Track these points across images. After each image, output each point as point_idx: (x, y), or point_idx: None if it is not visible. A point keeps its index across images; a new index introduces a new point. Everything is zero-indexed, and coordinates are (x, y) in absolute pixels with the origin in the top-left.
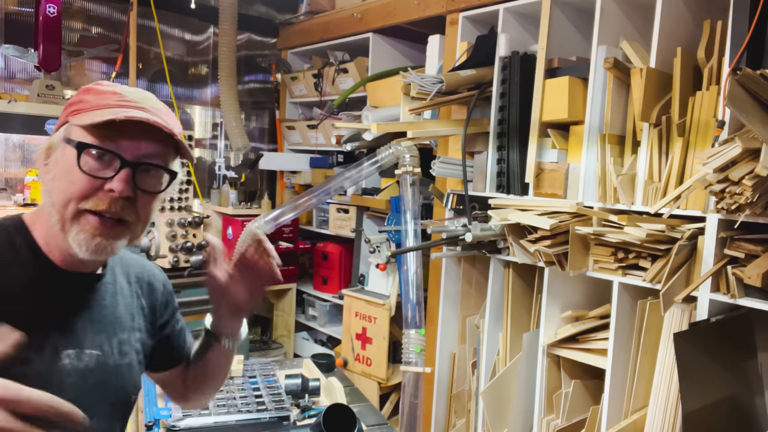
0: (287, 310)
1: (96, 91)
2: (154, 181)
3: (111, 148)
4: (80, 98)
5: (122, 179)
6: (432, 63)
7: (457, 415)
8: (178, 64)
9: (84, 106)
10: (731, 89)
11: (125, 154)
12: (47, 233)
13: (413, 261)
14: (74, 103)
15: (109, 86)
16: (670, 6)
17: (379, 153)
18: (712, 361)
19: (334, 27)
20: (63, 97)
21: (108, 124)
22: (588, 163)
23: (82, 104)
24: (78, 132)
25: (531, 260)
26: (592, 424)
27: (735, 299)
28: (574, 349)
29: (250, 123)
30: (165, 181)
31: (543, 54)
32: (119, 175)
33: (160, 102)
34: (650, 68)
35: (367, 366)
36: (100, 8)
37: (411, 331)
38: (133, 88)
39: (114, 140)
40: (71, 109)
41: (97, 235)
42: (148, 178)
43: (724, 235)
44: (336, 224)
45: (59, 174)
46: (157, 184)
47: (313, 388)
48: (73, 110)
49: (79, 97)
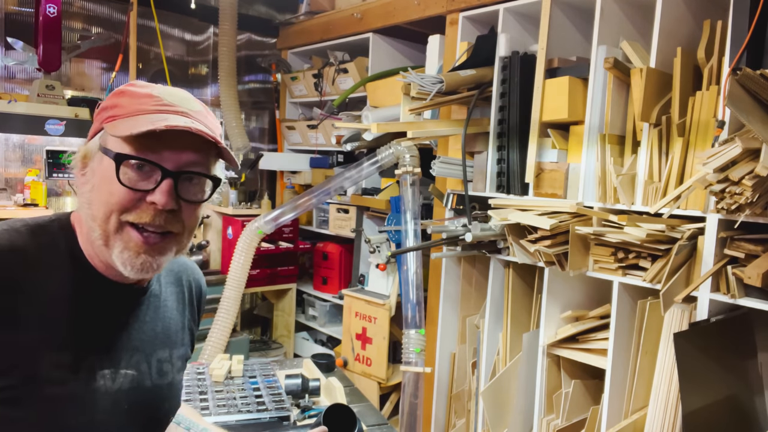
0: (287, 310)
1: (131, 93)
2: (197, 190)
3: (151, 159)
4: (115, 102)
5: (164, 191)
6: (432, 63)
7: (457, 415)
8: (178, 64)
9: (120, 111)
10: (731, 89)
11: (166, 164)
12: (89, 243)
13: (413, 261)
14: (109, 107)
15: (145, 87)
16: (670, 6)
17: (379, 153)
18: (712, 361)
19: (334, 27)
20: (63, 97)
21: (147, 133)
22: (588, 163)
23: (118, 109)
24: (114, 141)
25: (531, 260)
26: (592, 424)
27: (735, 299)
28: (574, 349)
29: (250, 123)
30: (209, 189)
31: (543, 54)
32: (161, 187)
33: (198, 102)
34: (650, 68)
35: (367, 366)
36: (100, 8)
37: (411, 331)
38: (170, 88)
39: (154, 150)
40: (106, 115)
41: (141, 253)
42: (191, 187)
43: (724, 235)
44: (336, 224)
45: (98, 185)
46: (201, 193)
47: (313, 388)
48: (108, 116)
49: (114, 100)
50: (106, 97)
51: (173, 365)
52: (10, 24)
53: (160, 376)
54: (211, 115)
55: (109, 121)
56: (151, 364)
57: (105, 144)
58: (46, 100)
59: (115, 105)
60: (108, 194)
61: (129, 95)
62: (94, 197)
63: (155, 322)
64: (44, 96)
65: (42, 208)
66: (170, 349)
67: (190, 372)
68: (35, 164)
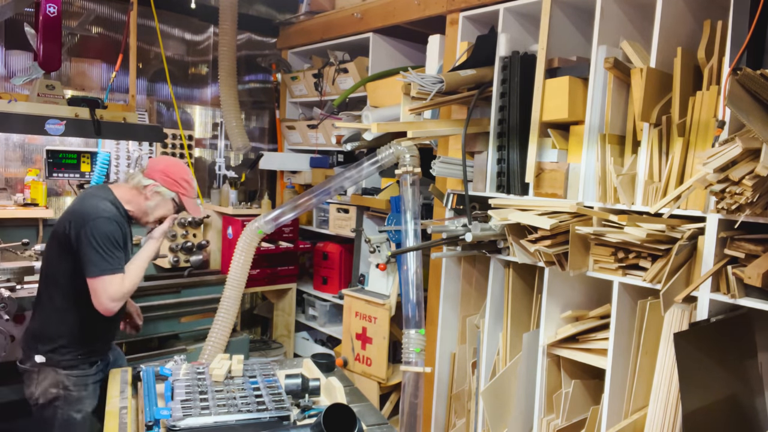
0: (287, 310)
1: (190, 183)
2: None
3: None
4: (186, 183)
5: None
6: (432, 63)
7: (457, 415)
8: (178, 63)
9: (188, 190)
10: (731, 89)
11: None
12: (134, 208)
13: (413, 261)
14: (183, 185)
15: (193, 181)
16: (670, 6)
17: (379, 153)
18: (712, 361)
19: (334, 27)
20: (63, 96)
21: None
22: (588, 163)
23: (187, 189)
24: (178, 200)
25: (531, 260)
26: (592, 424)
27: (735, 299)
28: (574, 349)
29: (250, 123)
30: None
31: (543, 54)
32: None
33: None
34: (650, 68)
35: (367, 366)
36: (100, 8)
37: (411, 331)
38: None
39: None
40: (181, 189)
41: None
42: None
43: (724, 235)
44: (336, 224)
45: (158, 206)
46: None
47: (313, 388)
48: (182, 191)
49: (186, 182)
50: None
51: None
52: (11, 24)
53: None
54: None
55: (182, 194)
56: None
57: (176, 200)
58: (46, 99)
59: (186, 184)
60: (165, 210)
61: (189, 183)
62: (156, 209)
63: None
64: (44, 96)
65: (42, 208)
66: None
67: (190, 372)
68: (35, 164)
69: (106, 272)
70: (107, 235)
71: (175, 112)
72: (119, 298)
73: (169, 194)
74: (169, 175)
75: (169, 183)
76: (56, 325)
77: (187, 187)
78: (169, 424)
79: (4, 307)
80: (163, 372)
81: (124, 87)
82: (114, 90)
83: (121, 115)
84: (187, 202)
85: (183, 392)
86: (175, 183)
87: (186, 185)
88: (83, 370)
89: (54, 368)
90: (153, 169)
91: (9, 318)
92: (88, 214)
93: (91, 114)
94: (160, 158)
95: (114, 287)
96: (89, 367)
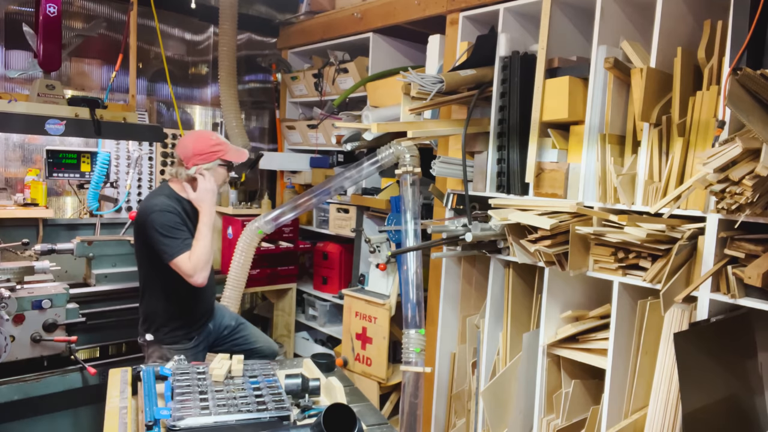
0: (287, 310)
1: (219, 140)
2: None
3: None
4: (217, 145)
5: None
6: (432, 63)
7: (457, 415)
8: (178, 63)
9: (222, 147)
10: (731, 89)
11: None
12: (196, 196)
13: (413, 261)
14: (215, 148)
15: (220, 136)
16: (670, 6)
17: (379, 153)
18: (712, 361)
19: (335, 27)
20: (63, 96)
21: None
22: (588, 163)
23: (220, 147)
24: (224, 160)
25: (531, 260)
26: (592, 424)
27: (735, 299)
28: (574, 349)
29: (250, 123)
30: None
31: (543, 54)
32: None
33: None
34: (650, 68)
35: (367, 366)
36: (100, 8)
37: (411, 331)
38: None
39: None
40: (218, 151)
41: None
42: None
43: (724, 235)
44: (336, 224)
45: (214, 180)
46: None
47: (313, 387)
48: (219, 152)
49: (216, 144)
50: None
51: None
52: (10, 24)
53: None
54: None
55: (221, 155)
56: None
57: (219, 162)
58: (46, 99)
59: (217, 146)
60: (222, 177)
61: (219, 142)
62: (215, 179)
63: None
64: (44, 96)
65: (42, 208)
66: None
67: (190, 372)
68: (35, 164)
69: (173, 256)
70: (164, 225)
71: (175, 112)
72: (194, 272)
73: (213, 164)
74: (201, 152)
75: (207, 156)
76: (150, 306)
77: (219, 147)
78: (169, 424)
79: (5, 307)
80: (163, 372)
81: (124, 87)
82: (114, 90)
83: (121, 115)
84: (229, 155)
85: (183, 392)
86: (210, 152)
87: (217, 146)
88: (183, 344)
89: (159, 344)
90: (187, 158)
91: (9, 318)
92: (144, 212)
93: (91, 114)
94: (182, 144)
95: (184, 265)
96: (188, 342)
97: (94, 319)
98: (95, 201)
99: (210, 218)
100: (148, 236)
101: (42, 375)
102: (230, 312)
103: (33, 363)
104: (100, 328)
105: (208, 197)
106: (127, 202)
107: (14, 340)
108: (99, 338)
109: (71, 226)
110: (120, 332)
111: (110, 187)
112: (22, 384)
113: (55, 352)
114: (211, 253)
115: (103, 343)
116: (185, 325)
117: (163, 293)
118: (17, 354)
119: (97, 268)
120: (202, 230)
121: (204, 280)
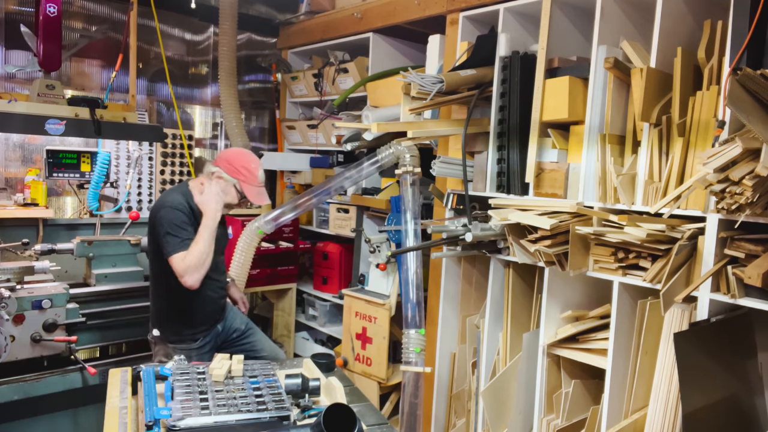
0: (287, 310)
1: (251, 171)
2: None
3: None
4: (247, 171)
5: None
6: (432, 63)
7: (457, 414)
8: (178, 63)
9: (248, 177)
10: (731, 89)
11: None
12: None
13: (413, 261)
14: (243, 172)
15: (257, 170)
16: (670, 6)
17: (379, 153)
18: (712, 361)
19: (335, 27)
20: (63, 96)
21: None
22: (588, 163)
23: (247, 176)
24: (239, 187)
25: (531, 260)
26: (592, 424)
27: (735, 299)
28: (574, 349)
29: (250, 123)
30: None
31: (543, 54)
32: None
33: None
34: (650, 68)
35: (367, 366)
36: (100, 8)
37: (411, 331)
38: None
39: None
40: (241, 176)
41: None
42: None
43: (724, 235)
44: (336, 224)
45: (222, 190)
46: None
47: (313, 387)
48: (242, 177)
49: (246, 170)
50: (226, 156)
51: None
52: (10, 24)
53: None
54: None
55: (242, 181)
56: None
57: (237, 186)
58: (46, 99)
59: (248, 172)
60: (230, 198)
61: (251, 172)
62: (224, 194)
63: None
64: (44, 95)
65: (42, 208)
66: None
67: (190, 372)
68: (35, 164)
69: (170, 253)
70: (170, 221)
71: (175, 112)
72: (185, 273)
73: (231, 180)
74: (231, 163)
75: (231, 170)
76: (158, 301)
77: (247, 174)
78: (169, 424)
79: (5, 307)
80: (163, 372)
81: (124, 87)
82: (114, 90)
83: (121, 115)
84: (247, 188)
85: (183, 392)
86: (236, 170)
87: (246, 173)
88: (188, 344)
89: (164, 342)
90: (220, 158)
91: (9, 318)
92: (157, 207)
93: (91, 114)
94: (230, 149)
95: (177, 264)
96: (193, 342)
97: (94, 319)
98: (95, 201)
99: (212, 222)
100: (155, 231)
101: (42, 375)
102: (242, 315)
103: (33, 363)
104: (100, 328)
105: (213, 202)
106: (127, 202)
107: (14, 340)
108: (99, 338)
109: (71, 226)
110: (120, 332)
111: (110, 187)
112: (22, 384)
113: (55, 352)
114: (209, 256)
115: (103, 343)
116: (190, 325)
117: (170, 289)
118: (17, 354)
119: (97, 268)
120: (203, 233)
121: (195, 282)
